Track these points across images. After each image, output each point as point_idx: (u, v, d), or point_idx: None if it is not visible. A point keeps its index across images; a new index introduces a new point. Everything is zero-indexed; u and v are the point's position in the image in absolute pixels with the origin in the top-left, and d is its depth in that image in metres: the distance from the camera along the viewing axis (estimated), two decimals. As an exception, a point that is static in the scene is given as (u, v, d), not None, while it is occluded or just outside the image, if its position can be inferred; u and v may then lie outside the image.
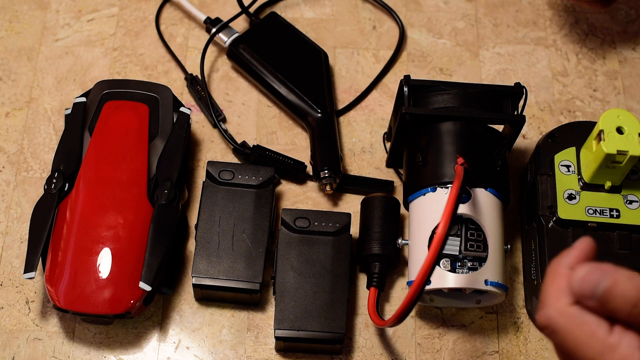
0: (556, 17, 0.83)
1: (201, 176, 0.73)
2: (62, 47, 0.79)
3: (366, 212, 0.68)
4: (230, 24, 0.78)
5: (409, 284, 0.64)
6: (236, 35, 0.78)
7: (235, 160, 0.74)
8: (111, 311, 0.62)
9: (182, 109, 0.71)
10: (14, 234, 0.70)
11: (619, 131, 0.60)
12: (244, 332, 0.67)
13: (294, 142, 0.75)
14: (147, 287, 0.62)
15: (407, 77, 0.66)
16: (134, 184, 0.66)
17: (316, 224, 0.67)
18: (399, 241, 0.67)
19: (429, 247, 0.62)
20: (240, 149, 0.72)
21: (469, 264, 0.62)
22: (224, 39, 0.77)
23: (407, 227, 0.70)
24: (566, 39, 0.82)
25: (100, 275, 0.63)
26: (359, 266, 0.69)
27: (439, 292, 0.65)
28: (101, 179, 0.66)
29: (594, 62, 0.80)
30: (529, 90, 0.78)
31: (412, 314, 0.68)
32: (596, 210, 0.63)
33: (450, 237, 0.61)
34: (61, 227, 0.65)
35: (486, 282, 0.61)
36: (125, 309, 0.62)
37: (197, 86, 0.77)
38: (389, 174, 0.74)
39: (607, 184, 0.64)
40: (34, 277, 0.63)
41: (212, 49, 0.80)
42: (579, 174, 0.65)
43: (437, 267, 0.59)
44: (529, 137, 0.76)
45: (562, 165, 0.66)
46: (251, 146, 0.72)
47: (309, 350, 0.65)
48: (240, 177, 0.68)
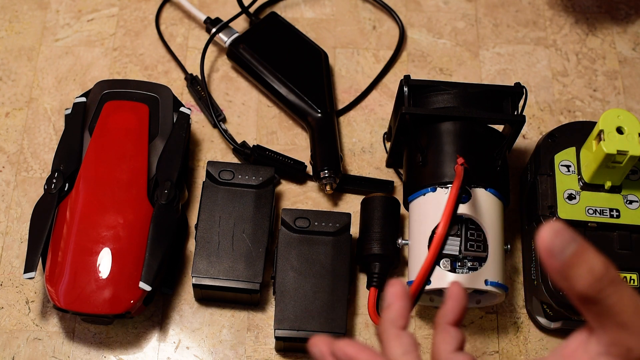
0: (556, 17, 0.83)
1: (201, 176, 0.73)
2: (62, 47, 0.79)
3: (366, 212, 0.68)
4: (230, 24, 0.78)
5: (409, 284, 0.64)
6: (236, 35, 0.78)
7: (235, 160, 0.74)
8: (111, 311, 0.62)
9: (182, 109, 0.71)
10: (14, 234, 0.70)
11: (619, 131, 0.60)
12: (244, 332, 0.67)
13: (294, 142, 0.75)
14: (147, 287, 0.62)
15: (407, 77, 0.66)
16: (134, 184, 0.66)
17: (316, 224, 0.67)
18: (399, 241, 0.67)
19: (429, 247, 0.62)
20: (240, 149, 0.72)
21: (469, 264, 0.62)
22: (224, 39, 0.77)
23: (407, 227, 0.70)
24: (566, 39, 0.82)
25: (100, 275, 0.63)
26: (359, 266, 0.69)
27: (439, 292, 0.65)
28: (101, 179, 0.66)
29: (594, 62, 0.80)
30: (529, 90, 0.78)
31: (412, 314, 0.68)
32: (596, 210, 0.63)
33: (450, 237, 0.61)
34: (61, 227, 0.65)
35: (486, 282, 0.61)
36: (125, 309, 0.62)
37: (197, 86, 0.77)
38: (389, 174, 0.74)
39: (607, 184, 0.64)
40: (34, 277, 0.63)
41: (212, 49, 0.80)
42: (579, 174, 0.65)
43: (437, 267, 0.59)
44: (529, 137, 0.76)
45: (562, 165, 0.66)
46: (251, 146, 0.72)
47: (309, 350, 0.65)
48: (240, 177, 0.68)
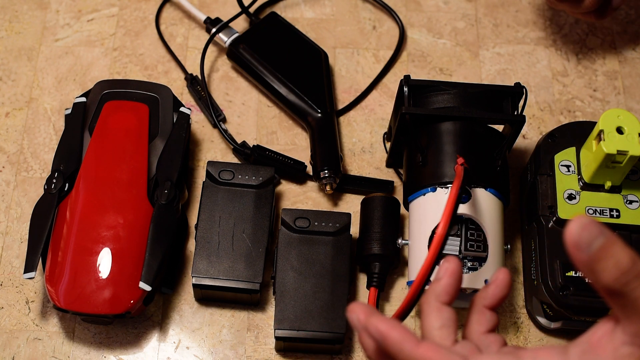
0: (556, 17, 0.83)
1: (201, 176, 0.73)
2: (62, 47, 0.79)
3: (366, 212, 0.68)
4: (230, 24, 0.78)
5: (409, 284, 0.64)
6: (236, 35, 0.78)
7: (235, 160, 0.74)
8: (111, 311, 0.62)
9: (182, 109, 0.71)
10: (14, 234, 0.70)
11: (619, 131, 0.60)
12: (244, 332, 0.67)
13: (294, 142, 0.75)
14: (147, 287, 0.62)
15: (407, 77, 0.66)
16: (134, 184, 0.66)
17: (316, 224, 0.67)
18: (399, 241, 0.67)
19: (429, 247, 0.62)
20: (240, 149, 0.72)
21: (469, 264, 0.62)
22: (224, 39, 0.77)
23: (407, 227, 0.70)
24: (566, 39, 0.82)
25: (100, 275, 0.63)
26: (359, 266, 0.69)
27: (439, 292, 0.65)
28: (101, 179, 0.66)
29: (594, 62, 0.80)
30: (529, 90, 0.78)
31: (412, 314, 0.68)
32: (596, 210, 0.63)
33: (450, 237, 0.61)
34: (61, 227, 0.65)
35: (486, 282, 0.61)
36: (125, 309, 0.62)
37: (197, 86, 0.77)
38: (389, 174, 0.74)
39: (607, 184, 0.64)
40: (34, 277, 0.63)
41: (212, 49, 0.80)
42: (579, 174, 0.65)
43: (437, 267, 0.59)
44: (529, 137, 0.76)
45: (562, 165, 0.66)
46: (251, 146, 0.72)
47: (309, 350, 0.65)
48: (240, 177, 0.68)
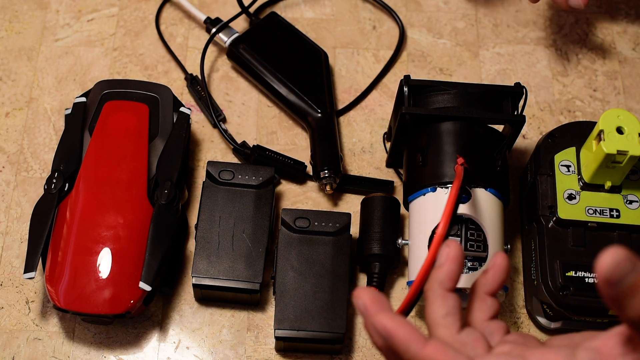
0: (556, 17, 0.83)
1: (201, 176, 0.73)
2: (62, 47, 0.79)
3: (366, 212, 0.68)
4: (230, 24, 0.78)
5: (409, 284, 0.64)
6: (236, 35, 0.78)
7: (235, 160, 0.74)
8: (111, 311, 0.62)
9: (182, 109, 0.71)
10: (14, 234, 0.70)
11: (619, 131, 0.60)
12: (244, 332, 0.67)
13: (294, 142, 0.75)
14: (147, 287, 0.62)
15: (407, 77, 0.66)
16: (134, 184, 0.66)
17: (316, 224, 0.67)
18: (399, 241, 0.67)
19: (429, 247, 0.62)
20: (240, 149, 0.72)
21: (469, 264, 0.62)
22: (224, 39, 0.77)
23: (407, 227, 0.70)
24: (566, 39, 0.82)
25: (100, 275, 0.63)
26: (359, 266, 0.69)
27: (439, 292, 0.65)
28: (101, 179, 0.66)
29: (594, 62, 0.80)
30: (529, 90, 0.78)
31: (412, 314, 0.68)
32: (596, 210, 0.63)
33: (450, 237, 0.61)
34: (61, 227, 0.65)
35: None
36: (125, 309, 0.62)
37: (197, 86, 0.77)
38: (389, 174, 0.74)
39: (607, 184, 0.64)
40: (34, 277, 0.63)
41: (212, 49, 0.80)
42: (579, 174, 0.65)
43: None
44: (529, 137, 0.76)
45: (562, 165, 0.66)
46: (251, 146, 0.72)
47: (309, 350, 0.65)
48: (240, 177, 0.68)
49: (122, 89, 0.71)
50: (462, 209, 0.61)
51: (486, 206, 0.63)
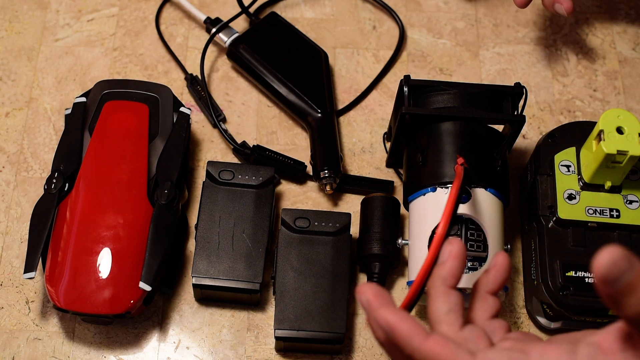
0: (556, 17, 0.83)
1: (201, 176, 0.73)
2: (62, 47, 0.79)
3: (366, 212, 0.68)
4: (230, 24, 0.78)
5: (409, 284, 0.64)
6: (236, 35, 0.78)
7: (235, 160, 0.74)
8: (111, 311, 0.62)
9: (182, 109, 0.71)
10: (14, 234, 0.70)
11: (619, 131, 0.60)
12: (244, 332, 0.67)
13: (294, 142, 0.75)
14: (147, 287, 0.62)
15: (407, 77, 0.66)
16: (134, 184, 0.66)
17: (316, 224, 0.67)
18: (399, 241, 0.67)
19: (429, 247, 0.62)
20: (240, 149, 0.72)
21: (469, 264, 0.62)
22: (224, 39, 0.77)
23: (407, 227, 0.70)
24: (566, 39, 0.82)
25: (100, 275, 0.63)
26: (359, 266, 0.69)
27: (439, 292, 0.65)
28: (101, 179, 0.66)
29: (594, 62, 0.80)
30: (529, 90, 0.78)
31: (412, 314, 0.68)
32: (596, 210, 0.63)
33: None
34: (61, 227, 0.65)
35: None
36: (125, 309, 0.62)
37: (197, 86, 0.77)
38: (389, 174, 0.74)
39: (607, 184, 0.64)
40: (34, 277, 0.63)
41: (212, 49, 0.80)
42: (579, 174, 0.65)
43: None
44: (529, 137, 0.76)
45: (562, 165, 0.66)
46: (251, 146, 0.72)
47: (309, 350, 0.65)
48: (240, 177, 0.68)
49: (122, 89, 0.71)
50: (462, 209, 0.61)
51: (486, 206, 0.63)
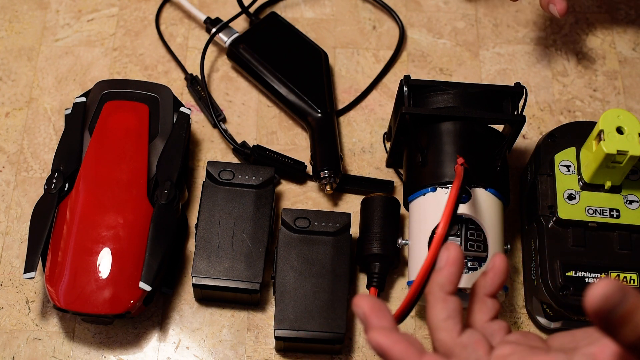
0: (556, 17, 0.82)
1: (201, 176, 0.73)
2: (62, 47, 0.79)
3: (366, 212, 0.68)
4: (230, 24, 0.78)
5: (409, 284, 0.64)
6: (236, 35, 0.78)
7: (235, 160, 0.74)
8: (111, 311, 0.62)
9: (182, 109, 0.71)
10: (14, 234, 0.70)
11: (619, 131, 0.60)
12: (244, 332, 0.67)
13: (294, 142, 0.75)
14: (147, 287, 0.62)
15: (407, 77, 0.66)
16: (134, 184, 0.66)
17: (316, 224, 0.67)
18: (399, 241, 0.67)
19: (429, 247, 0.62)
20: (240, 149, 0.72)
21: (469, 264, 0.62)
22: (224, 39, 0.77)
23: (407, 227, 0.70)
24: (566, 39, 0.82)
25: (100, 275, 0.63)
26: (359, 266, 0.69)
27: (439, 292, 0.65)
28: (101, 179, 0.66)
29: (594, 62, 0.80)
30: (529, 90, 0.78)
31: (412, 314, 0.68)
32: (596, 210, 0.63)
33: (450, 237, 0.61)
34: (61, 227, 0.65)
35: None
36: (125, 309, 0.62)
37: (197, 86, 0.77)
38: (389, 174, 0.74)
39: (607, 184, 0.64)
40: (34, 277, 0.63)
41: (212, 49, 0.80)
42: (579, 174, 0.65)
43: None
44: (529, 137, 0.76)
45: (562, 165, 0.66)
46: (251, 146, 0.72)
47: (309, 350, 0.65)
48: (240, 177, 0.68)
49: (122, 89, 0.71)
50: (462, 209, 0.61)
51: (486, 206, 0.63)
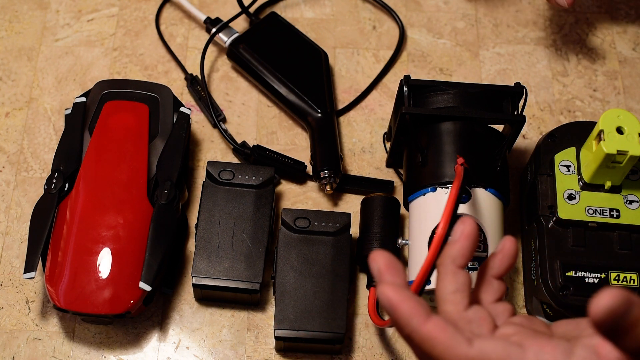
0: (556, 17, 0.83)
1: (201, 176, 0.73)
2: (62, 47, 0.79)
3: (366, 212, 0.68)
4: (230, 24, 0.78)
5: (409, 284, 0.64)
6: (236, 35, 0.78)
7: (235, 160, 0.74)
8: (111, 311, 0.62)
9: (182, 109, 0.71)
10: (14, 234, 0.70)
11: (619, 131, 0.60)
12: (244, 332, 0.67)
13: (294, 142, 0.75)
14: (147, 287, 0.62)
15: (407, 77, 0.66)
16: (134, 184, 0.66)
17: (316, 224, 0.67)
18: (399, 241, 0.67)
19: (429, 247, 0.62)
20: (240, 149, 0.72)
21: (469, 264, 0.62)
22: (224, 39, 0.77)
23: (407, 227, 0.70)
24: (566, 39, 0.82)
25: (100, 275, 0.63)
26: (359, 266, 0.69)
27: (439, 292, 0.65)
28: (101, 179, 0.66)
29: (594, 62, 0.80)
30: (529, 90, 0.78)
31: (412, 314, 0.68)
32: (596, 210, 0.63)
33: (450, 237, 0.61)
34: (61, 227, 0.65)
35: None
36: (125, 309, 0.62)
37: (197, 86, 0.77)
38: (389, 174, 0.74)
39: (607, 184, 0.64)
40: (34, 277, 0.63)
41: (212, 49, 0.80)
42: (579, 174, 0.65)
43: (437, 262, 0.59)
44: (529, 137, 0.76)
45: (562, 165, 0.66)
46: (251, 146, 0.72)
47: (309, 350, 0.65)
48: (240, 177, 0.68)
49: (122, 89, 0.71)
50: (462, 209, 0.61)
51: (486, 206, 0.63)
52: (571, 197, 0.64)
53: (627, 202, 0.64)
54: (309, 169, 0.73)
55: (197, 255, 0.65)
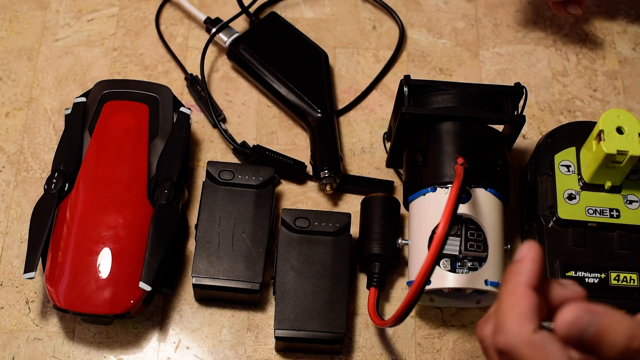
0: (556, 17, 0.83)
1: (201, 176, 0.73)
2: (62, 47, 0.79)
3: (366, 212, 0.68)
4: (230, 24, 0.78)
5: (409, 284, 0.64)
6: (236, 35, 0.78)
7: (235, 160, 0.74)
8: (111, 311, 0.62)
9: (182, 109, 0.71)
10: (14, 234, 0.70)
11: (619, 131, 0.60)
12: (244, 332, 0.67)
13: (294, 142, 0.75)
14: (147, 287, 0.62)
15: (407, 77, 0.66)
16: (134, 184, 0.66)
17: (316, 224, 0.67)
18: (399, 241, 0.67)
19: (429, 247, 0.62)
20: (240, 149, 0.72)
21: (469, 264, 0.62)
22: (224, 39, 0.77)
23: (407, 227, 0.70)
24: (566, 39, 0.82)
25: (100, 275, 0.63)
26: (359, 266, 0.69)
27: (439, 292, 0.65)
28: (101, 179, 0.66)
29: (594, 62, 0.80)
30: (529, 90, 0.78)
31: (412, 314, 0.68)
32: (596, 210, 0.63)
33: (450, 237, 0.61)
34: (61, 227, 0.65)
35: (486, 282, 0.61)
36: (125, 309, 0.62)
37: (197, 86, 0.77)
38: (389, 174, 0.74)
39: (607, 184, 0.64)
40: (34, 277, 0.63)
41: (212, 49, 0.80)
42: (579, 174, 0.65)
43: (437, 267, 0.59)
44: (529, 137, 0.76)
45: (562, 165, 0.66)
46: (251, 146, 0.72)
47: (309, 350, 0.65)
48: (240, 177, 0.68)
49: (122, 89, 0.71)
50: (462, 209, 0.61)
51: (486, 206, 0.63)
52: (571, 197, 0.64)
53: (627, 202, 0.64)
54: (309, 169, 0.73)
55: (197, 255, 0.65)
